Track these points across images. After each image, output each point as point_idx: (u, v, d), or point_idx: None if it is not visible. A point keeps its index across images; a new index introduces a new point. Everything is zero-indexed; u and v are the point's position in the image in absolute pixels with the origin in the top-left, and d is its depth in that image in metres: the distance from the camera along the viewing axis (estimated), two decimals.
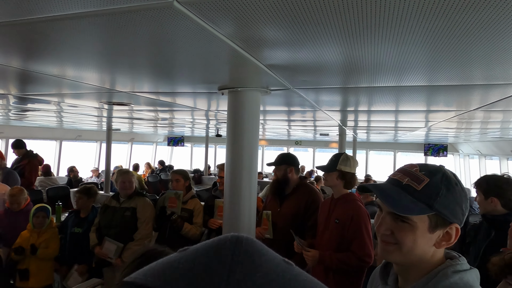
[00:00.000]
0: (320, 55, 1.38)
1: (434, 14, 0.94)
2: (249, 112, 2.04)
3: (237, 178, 2.04)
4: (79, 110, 4.28)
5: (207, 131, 9.09)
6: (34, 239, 3.38)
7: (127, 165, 11.33)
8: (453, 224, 0.88)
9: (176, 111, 4.19)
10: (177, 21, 1.04)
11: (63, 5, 0.97)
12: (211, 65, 1.66)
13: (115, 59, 1.62)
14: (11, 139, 6.70)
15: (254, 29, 1.11)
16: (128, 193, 3.32)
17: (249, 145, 2.05)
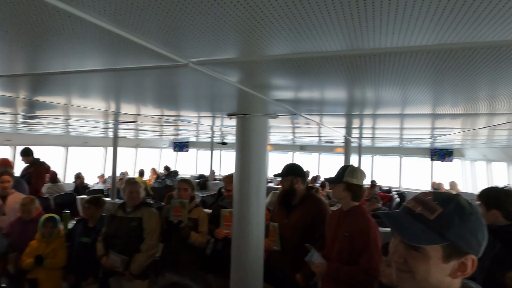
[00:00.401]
0: (326, 93, 1.49)
1: (434, 67, 1.00)
2: (257, 135, 2.14)
3: (245, 199, 2.13)
4: (86, 123, 4.34)
5: (212, 137, 9.13)
6: (43, 248, 3.40)
7: (133, 171, 11.39)
8: (468, 255, 0.86)
9: (181, 125, 4.29)
10: (192, 75, 1.21)
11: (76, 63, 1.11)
12: (221, 100, 1.80)
13: (125, 96, 1.73)
14: (18, 147, 6.79)
15: (261, 79, 1.26)
16: (135, 203, 3.34)
17: (257, 166, 2.16)
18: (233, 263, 2.16)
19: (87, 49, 0.96)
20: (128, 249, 3.21)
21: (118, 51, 0.97)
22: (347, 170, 2.40)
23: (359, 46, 0.87)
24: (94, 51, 0.98)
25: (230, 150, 14.98)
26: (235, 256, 2.15)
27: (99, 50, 0.96)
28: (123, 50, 0.95)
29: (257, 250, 2.12)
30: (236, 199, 2.15)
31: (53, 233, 3.47)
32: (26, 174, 5.54)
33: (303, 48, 0.90)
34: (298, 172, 2.96)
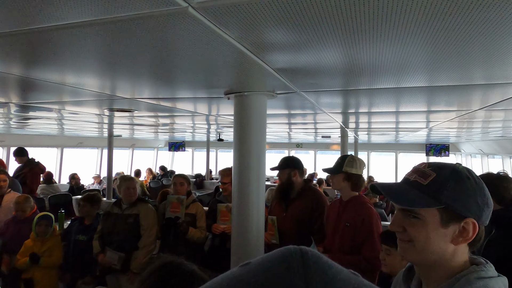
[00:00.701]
0: (324, 57, 1.39)
1: (432, 16, 0.93)
2: (256, 116, 2.03)
3: (244, 183, 2.04)
4: (80, 118, 4.27)
5: (208, 135, 9.10)
6: (38, 247, 3.36)
7: (128, 171, 11.32)
8: (468, 218, 0.85)
9: (177, 116, 4.18)
10: (189, 26, 1.03)
11: (67, 14, 0.96)
12: (219, 70, 1.65)
13: (118, 65, 1.61)
14: (12, 147, 6.71)
15: (263, 32, 1.11)
16: (131, 200, 3.31)
17: (257, 149, 2.04)
18: (233, 253, 2.10)
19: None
20: (125, 246, 3.17)
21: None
22: (346, 159, 2.38)
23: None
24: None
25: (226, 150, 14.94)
26: (235, 245, 2.10)
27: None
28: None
29: (257, 242, 2.05)
30: (236, 189, 2.09)
31: (48, 231, 3.42)
32: (21, 174, 5.48)
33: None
34: (295, 164, 2.94)
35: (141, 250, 3.17)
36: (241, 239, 2.04)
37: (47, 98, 2.75)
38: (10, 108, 3.39)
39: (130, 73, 1.79)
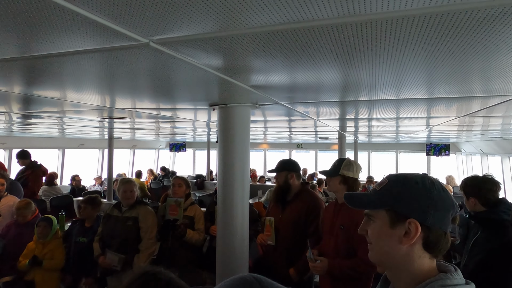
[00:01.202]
0: (298, 76, 1.47)
1: (429, 37, 0.96)
2: (240, 126, 2.13)
3: (229, 188, 2.13)
4: (81, 122, 4.32)
5: (208, 136, 9.13)
6: (39, 250, 3.40)
7: (129, 172, 11.37)
8: (410, 219, 0.90)
9: (177, 121, 4.25)
10: (157, 56, 1.15)
11: (62, 44, 1.07)
12: (199, 87, 1.74)
13: (112, 84, 1.73)
14: (14, 150, 6.76)
15: (231, 60, 1.20)
16: (130, 203, 3.34)
17: (241, 159, 2.14)
18: (218, 259, 2.19)
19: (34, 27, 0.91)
20: (125, 248, 3.21)
21: (68, 29, 0.91)
22: (343, 163, 2.41)
23: (350, 12, 0.80)
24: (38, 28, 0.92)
25: None
26: (220, 251, 2.19)
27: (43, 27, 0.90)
28: (75, 28, 0.90)
29: (241, 247, 2.14)
30: (220, 193, 2.16)
31: (48, 233, 3.46)
32: (23, 177, 5.52)
33: (284, 17, 0.83)
34: (292, 167, 2.97)
35: (142, 252, 3.21)
36: (226, 239, 2.18)
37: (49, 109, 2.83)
38: (12, 117, 3.45)
39: (126, 89, 1.90)
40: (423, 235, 0.89)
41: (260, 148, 13.26)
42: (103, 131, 6.18)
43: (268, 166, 13.36)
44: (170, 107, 2.66)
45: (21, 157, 5.74)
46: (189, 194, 3.54)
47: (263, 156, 13.29)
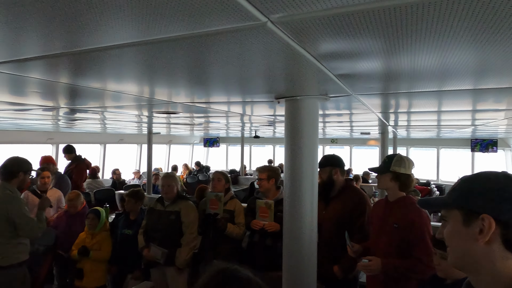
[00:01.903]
0: (393, 63, 1.35)
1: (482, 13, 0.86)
2: (308, 119, 2.01)
3: (297, 186, 2.02)
4: (123, 117, 4.44)
5: (242, 132, 9.16)
6: (89, 240, 3.55)
7: (166, 167, 11.68)
8: (483, 214, 0.84)
9: (214, 116, 4.24)
10: (263, 39, 1.03)
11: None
12: (277, 77, 1.64)
13: (178, 75, 1.69)
14: (61, 145, 7.13)
15: (336, 43, 1.09)
16: (170, 197, 3.39)
17: (310, 152, 2.02)
18: (285, 261, 2.09)
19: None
20: (167, 242, 3.27)
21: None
22: (394, 159, 2.30)
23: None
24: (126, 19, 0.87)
25: (260, 145, 14.96)
26: (287, 252, 2.08)
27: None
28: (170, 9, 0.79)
29: (310, 244, 2.03)
30: (288, 191, 2.06)
31: (96, 225, 3.59)
32: (68, 170, 5.81)
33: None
34: (336, 162, 2.89)
35: (184, 247, 3.26)
36: (293, 239, 2.05)
37: (94, 103, 2.89)
38: (59, 112, 3.59)
39: (196, 82, 1.85)
40: (501, 232, 0.83)
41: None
42: (141, 126, 6.36)
43: None
44: (238, 100, 2.59)
45: (67, 152, 6.04)
46: (229, 189, 3.55)
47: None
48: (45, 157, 5.33)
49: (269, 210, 3.19)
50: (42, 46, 1.19)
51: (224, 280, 0.96)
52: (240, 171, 10.90)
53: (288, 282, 2.06)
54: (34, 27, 0.98)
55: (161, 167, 10.78)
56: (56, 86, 2.07)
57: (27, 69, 1.60)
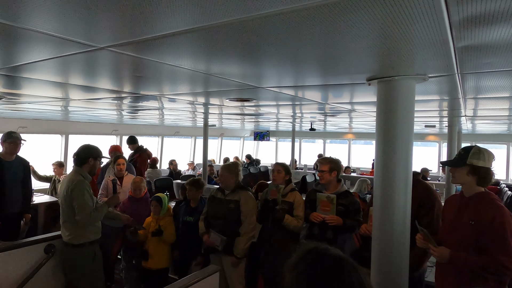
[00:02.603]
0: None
1: None
2: (404, 103, 1.83)
3: (389, 179, 1.86)
4: (179, 106, 4.55)
5: (293, 125, 9.10)
6: (153, 224, 3.77)
7: (217, 159, 12.01)
8: None
9: (283, 105, 4.10)
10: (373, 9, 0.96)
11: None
12: (369, 54, 1.48)
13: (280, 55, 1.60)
14: (124, 136, 7.64)
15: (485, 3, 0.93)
16: (226, 186, 3.47)
17: (404, 141, 1.85)
18: (375, 260, 1.97)
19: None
20: (226, 229, 3.36)
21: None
22: (471, 151, 2.13)
23: None
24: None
25: (311, 140, 14.78)
26: (376, 253, 1.96)
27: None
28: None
29: (401, 249, 1.88)
30: (379, 185, 1.92)
31: (159, 211, 3.79)
32: (132, 159, 6.19)
33: None
34: None
35: (242, 236, 3.32)
36: (384, 241, 1.91)
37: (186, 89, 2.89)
38: (162, 100, 3.67)
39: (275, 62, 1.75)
40: None
41: (345, 139, 12.79)
42: (196, 118, 6.56)
43: (353, 157, 12.84)
44: (317, 84, 2.38)
45: (130, 142, 6.44)
46: (290, 180, 3.55)
47: (348, 147, 12.80)
48: (113, 146, 5.75)
49: (331, 204, 3.14)
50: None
51: (317, 258, 0.96)
52: (290, 165, 10.86)
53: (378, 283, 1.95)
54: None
55: (213, 159, 11.09)
56: (123, 73, 2.16)
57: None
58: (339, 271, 0.93)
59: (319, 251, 0.98)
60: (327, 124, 8.06)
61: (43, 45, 1.48)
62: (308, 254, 0.99)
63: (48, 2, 0.99)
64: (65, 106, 4.32)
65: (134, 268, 4.17)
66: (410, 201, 1.91)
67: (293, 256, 1.00)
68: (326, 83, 2.33)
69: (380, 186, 1.90)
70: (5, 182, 4.05)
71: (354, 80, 2.16)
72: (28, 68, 1.96)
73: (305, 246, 1.02)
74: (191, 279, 2.38)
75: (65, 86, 2.68)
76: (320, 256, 0.97)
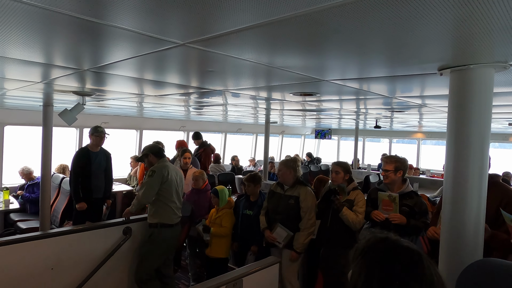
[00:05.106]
0: None
1: None
2: (481, 96, 1.66)
3: (461, 180, 1.71)
4: (242, 102, 4.68)
5: (357, 122, 8.80)
6: (214, 215, 3.98)
7: (277, 157, 12.11)
8: None
9: (346, 99, 4.00)
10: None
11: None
12: (451, 38, 1.35)
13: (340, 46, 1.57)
14: (190, 132, 8.10)
15: None
16: (285, 182, 3.51)
17: (479, 138, 1.67)
18: (442, 260, 1.82)
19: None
20: (286, 224, 3.40)
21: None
22: None
23: None
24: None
25: (376, 139, 14.13)
26: (445, 252, 1.81)
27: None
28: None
29: (475, 244, 1.71)
30: (449, 185, 1.76)
31: (217, 202, 3.98)
32: (198, 154, 6.56)
33: None
34: None
35: (302, 231, 3.35)
36: (453, 249, 1.76)
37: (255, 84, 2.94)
38: (226, 95, 3.85)
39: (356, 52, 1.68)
40: None
41: (414, 138, 11.99)
42: (258, 115, 6.68)
43: (422, 157, 11.98)
44: (383, 75, 2.24)
45: (195, 138, 6.82)
46: (351, 179, 3.47)
47: (417, 147, 11.99)
48: (180, 141, 6.15)
49: (393, 203, 3.01)
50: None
51: (393, 247, 0.94)
52: (353, 164, 10.52)
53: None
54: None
55: (273, 156, 11.22)
56: (192, 67, 2.29)
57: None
58: (418, 263, 0.91)
59: (394, 241, 0.97)
60: (393, 121, 7.63)
61: (126, 42, 1.63)
62: (381, 242, 0.98)
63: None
64: (140, 102, 4.73)
65: (197, 256, 4.44)
66: (484, 205, 1.74)
67: (361, 243, 1.00)
68: (393, 74, 2.19)
69: (451, 187, 1.75)
70: (91, 170, 4.58)
71: (424, 70, 1.99)
72: (116, 65, 2.19)
73: (376, 235, 1.01)
74: (251, 268, 2.47)
75: (140, 82, 2.94)
76: (397, 246, 0.95)
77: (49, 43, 1.72)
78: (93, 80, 2.84)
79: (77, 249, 3.22)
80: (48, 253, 3.05)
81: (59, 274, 3.10)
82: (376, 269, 0.92)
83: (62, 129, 5.93)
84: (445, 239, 1.78)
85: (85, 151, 4.67)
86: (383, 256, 0.93)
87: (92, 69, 2.32)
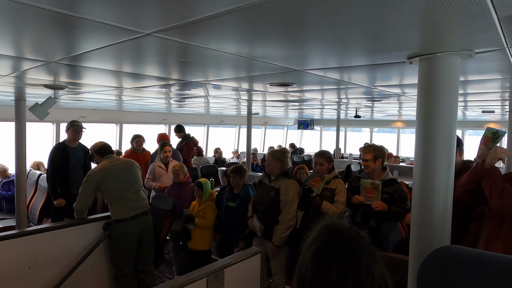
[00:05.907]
0: None
1: None
2: (447, 83, 1.69)
3: (429, 171, 1.73)
4: (225, 93, 4.64)
5: (338, 112, 8.89)
6: (197, 207, 3.97)
7: (260, 148, 12.13)
8: None
9: (328, 89, 4.01)
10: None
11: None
12: (418, 26, 1.37)
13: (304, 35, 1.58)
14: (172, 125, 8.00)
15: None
16: (271, 172, 3.51)
17: (447, 125, 1.70)
18: (412, 256, 1.84)
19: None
20: (267, 216, 3.41)
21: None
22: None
23: None
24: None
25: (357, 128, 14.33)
26: (415, 241, 1.83)
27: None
28: None
29: (442, 228, 1.74)
30: (418, 175, 1.79)
31: (201, 195, 3.96)
32: (180, 147, 6.48)
33: None
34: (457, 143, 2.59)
35: (280, 225, 3.32)
36: (422, 234, 1.78)
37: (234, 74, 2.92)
38: (207, 87, 3.79)
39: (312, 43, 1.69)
40: None
41: (394, 127, 12.23)
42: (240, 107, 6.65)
43: (402, 146, 12.26)
44: (363, 64, 2.25)
45: (177, 131, 6.73)
46: (333, 168, 3.52)
47: (397, 136, 12.24)
48: (161, 134, 6.05)
49: (375, 190, 3.07)
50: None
51: (327, 231, 0.96)
52: (335, 154, 10.65)
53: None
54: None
55: (256, 147, 11.23)
56: (168, 59, 2.24)
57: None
58: (350, 239, 0.93)
59: (332, 224, 0.99)
60: (374, 111, 7.76)
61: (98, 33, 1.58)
62: (321, 228, 1.00)
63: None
64: (119, 95, 4.61)
65: (181, 249, 4.42)
66: (451, 191, 1.77)
67: (311, 235, 1.01)
68: (367, 63, 2.21)
69: (420, 174, 1.77)
70: (69, 166, 4.46)
71: (395, 59, 2.02)
72: (86, 57, 2.12)
73: (325, 222, 1.02)
74: (232, 259, 2.47)
75: (118, 74, 2.86)
76: (332, 228, 0.97)
77: (17, 35, 1.64)
78: (65, 72, 2.74)
79: (55, 246, 3.15)
80: (25, 251, 2.96)
81: (37, 273, 3.02)
82: (315, 260, 0.94)
83: (38, 124, 5.73)
84: (415, 224, 1.82)
85: (62, 146, 4.54)
86: (318, 247, 0.95)
87: (61, 60, 2.23)
